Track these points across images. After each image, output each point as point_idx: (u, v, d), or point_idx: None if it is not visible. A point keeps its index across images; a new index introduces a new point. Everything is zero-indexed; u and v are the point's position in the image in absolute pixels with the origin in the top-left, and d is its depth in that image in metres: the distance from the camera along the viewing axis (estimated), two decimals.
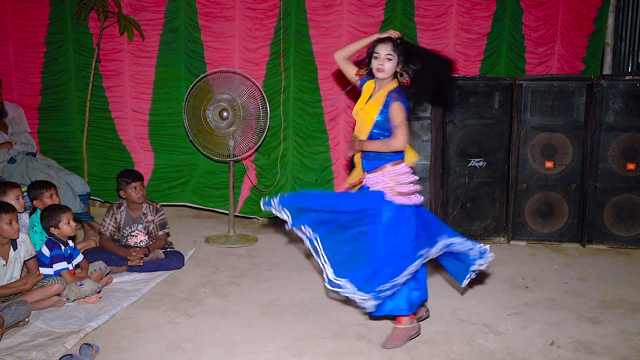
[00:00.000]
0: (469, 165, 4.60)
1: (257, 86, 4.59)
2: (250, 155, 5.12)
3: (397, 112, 2.68)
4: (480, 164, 4.60)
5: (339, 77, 4.92)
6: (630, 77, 4.46)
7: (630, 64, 5.41)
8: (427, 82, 2.74)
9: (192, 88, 4.54)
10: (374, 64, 2.73)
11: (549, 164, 4.58)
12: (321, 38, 5.12)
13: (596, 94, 4.48)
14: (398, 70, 2.72)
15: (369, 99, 2.80)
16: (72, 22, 5.11)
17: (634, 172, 4.49)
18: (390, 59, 2.69)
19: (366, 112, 2.77)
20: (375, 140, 2.75)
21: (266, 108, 4.59)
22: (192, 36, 5.10)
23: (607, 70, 5.50)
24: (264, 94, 4.61)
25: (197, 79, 4.55)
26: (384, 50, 2.70)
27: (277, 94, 5.12)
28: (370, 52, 2.77)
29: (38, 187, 3.71)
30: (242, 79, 4.58)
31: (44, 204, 3.61)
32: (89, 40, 5.14)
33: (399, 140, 2.68)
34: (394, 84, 2.75)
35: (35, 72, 5.23)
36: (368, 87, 2.85)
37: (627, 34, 5.44)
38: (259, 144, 4.73)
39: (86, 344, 2.59)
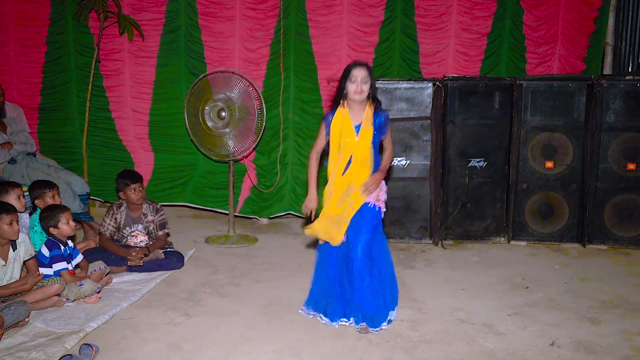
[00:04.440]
0: (469, 165, 4.59)
1: (254, 86, 4.58)
2: (248, 155, 5.12)
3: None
4: (481, 164, 4.59)
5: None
6: (631, 77, 4.46)
7: (630, 64, 5.41)
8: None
9: (192, 87, 4.54)
10: (351, 87, 2.87)
11: (549, 164, 4.58)
12: (321, 38, 5.12)
13: (596, 94, 4.47)
14: (370, 93, 2.91)
15: (358, 125, 2.92)
16: (73, 22, 5.11)
17: (634, 172, 4.48)
18: (366, 82, 2.87)
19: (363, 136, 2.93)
20: (387, 158, 3.04)
21: (262, 109, 4.58)
22: (193, 36, 5.10)
23: (607, 70, 5.50)
24: (260, 95, 4.60)
25: (198, 79, 4.55)
26: (360, 73, 2.85)
27: (277, 94, 5.11)
28: (344, 77, 2.89)
29: (41, 186, 3.71)
30: (240, 78, 4.58)
31: (46, 203, 3.61)
32: (90, 40, 5.14)
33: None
34: (370, 104, 2.93)
35: (36, 72, 5.24)
36: (344, 115, 2.93)
37: (628, 33, 5.44)
38: (256, 144, 4.74)
39: (86, 344, 2.59)
